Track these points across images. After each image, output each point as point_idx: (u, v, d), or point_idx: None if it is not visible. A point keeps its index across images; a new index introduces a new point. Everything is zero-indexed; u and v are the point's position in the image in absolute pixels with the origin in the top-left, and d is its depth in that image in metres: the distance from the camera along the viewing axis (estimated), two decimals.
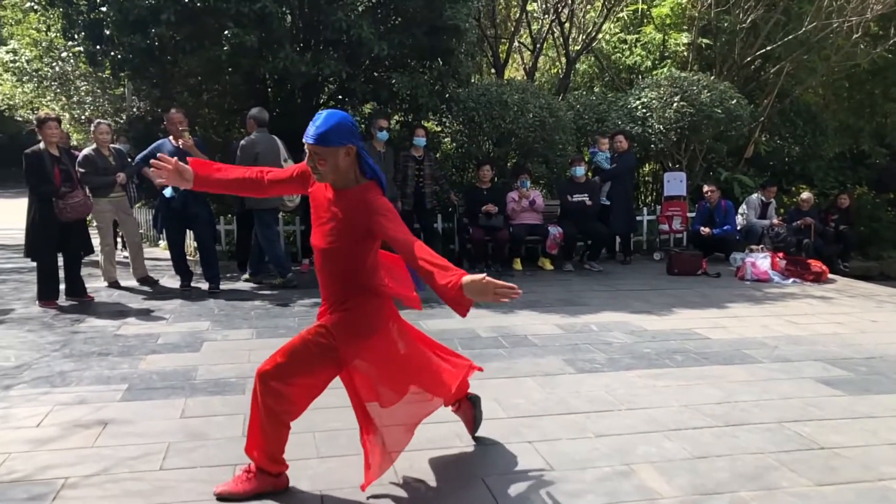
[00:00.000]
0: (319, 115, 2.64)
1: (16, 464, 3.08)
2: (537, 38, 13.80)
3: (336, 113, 2.66)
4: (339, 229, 2.71)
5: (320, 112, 2.66)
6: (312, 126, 2.62)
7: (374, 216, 2.62)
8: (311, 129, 2.61)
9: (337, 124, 2.61)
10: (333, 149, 2.61)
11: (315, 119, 2.64)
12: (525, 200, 8.37)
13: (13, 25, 14.61)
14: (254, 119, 7.37)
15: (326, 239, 2.75)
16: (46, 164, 6.31)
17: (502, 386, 4.24)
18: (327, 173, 2.66)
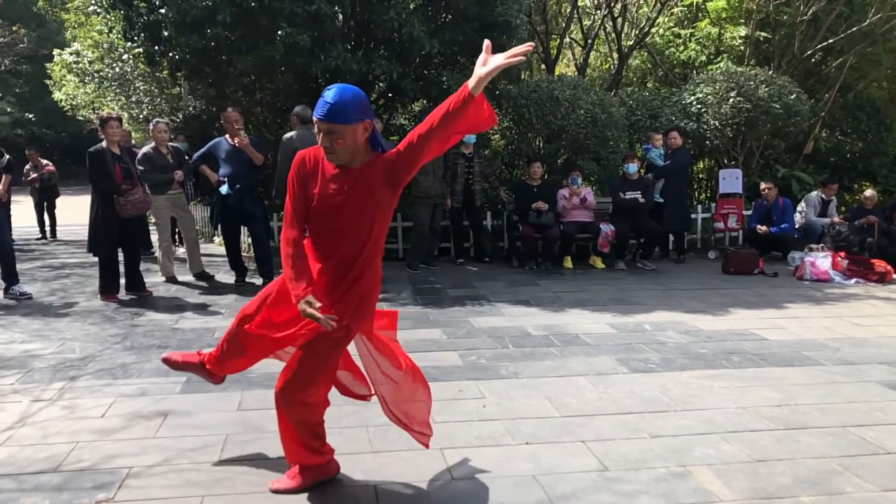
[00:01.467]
0: (329, 90, 2.45)
1: (83, 452, 3.18)
2: (589, 33, 13.64)
3: (348, 87, 2.48)
4: (356, 208, 2.54)
5: (329, 88, 2.47)
6: (326, 103, 2.43)
7: (390, 164, 2.51)
8: (326, 106, 2.43)
9: (353, 99, 2.45)
10: (352, 126, 2.45)
11: (325, 95, 2.45)
12: (576, 198, 8.29)
13: (76, 28, 15.11)
14: (297, 116, 7.47)
15: (342, 223, 2.57)
16: (108, 162, 6.50)
17: (554, 385, 4.20)
18: (345, 152, 2.49)
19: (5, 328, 5.57)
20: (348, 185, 2.54)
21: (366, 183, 2.53)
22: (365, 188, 2.53)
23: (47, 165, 11.72)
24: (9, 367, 4.48)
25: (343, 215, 2.56)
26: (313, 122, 2.49)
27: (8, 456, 3.16)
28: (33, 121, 29.76)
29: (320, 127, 2.46)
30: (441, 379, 4.29)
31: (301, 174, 2.63)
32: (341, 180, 2.55)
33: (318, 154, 2.62)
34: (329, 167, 2.58)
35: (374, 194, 2.54)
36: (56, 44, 20.87)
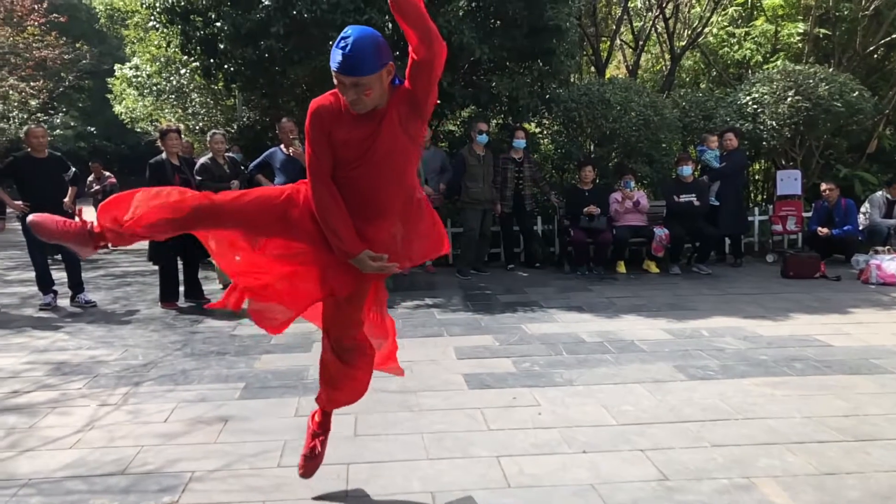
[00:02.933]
0: (345, 38, 2.22)
1: (148, 456, 3.27)
2: (640, 35, 13.47)
3: (365, 31, 2.26)
4: (391, 146, 2.40)
5: (344, 35, 2.23)
6: (347, 56, 2.20)
7: (410, 93, 2.34)
8: (348, 59, 2.21)
9: (374, 45, 2.24)
10: (378, 74, 2.26)
11: (343, 46, 2.21)
12: (629, 201, 8.17)
13: (135, 43, 15.59)
14: None
15: (379, 166, 2.43)
16: (168, 173, 6.69)
17: (610, 392, 4.14)
18: (372, 101, 2.32)
19: (73, 335, 5.77)
20: (378, 126, 2.37)
21: (395, 118, 2.38)
22: (395, 123, 2.39)
23: (109, 177, 12.12)
24: (77, 373, 4.65)
25: (378, 157, 2.41)
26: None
27: (78, 458, 3.27)
28: (95, 133, 30.81)
29: (343, 80, 2.25)
30: (495, 386, 4.28)
31: (321, 127, 2.39)
32: (369, 122, 2.37)
33: (336, 101, 2.40)
34: (349, 112, 2.38)
35: (407, 128, 2.41)
36: (116, 59, 21.56)
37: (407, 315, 6.27)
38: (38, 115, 20.81)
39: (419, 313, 6.34)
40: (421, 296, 7.13)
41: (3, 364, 4.90)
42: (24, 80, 17.62)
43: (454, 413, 3.85)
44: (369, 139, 2.38)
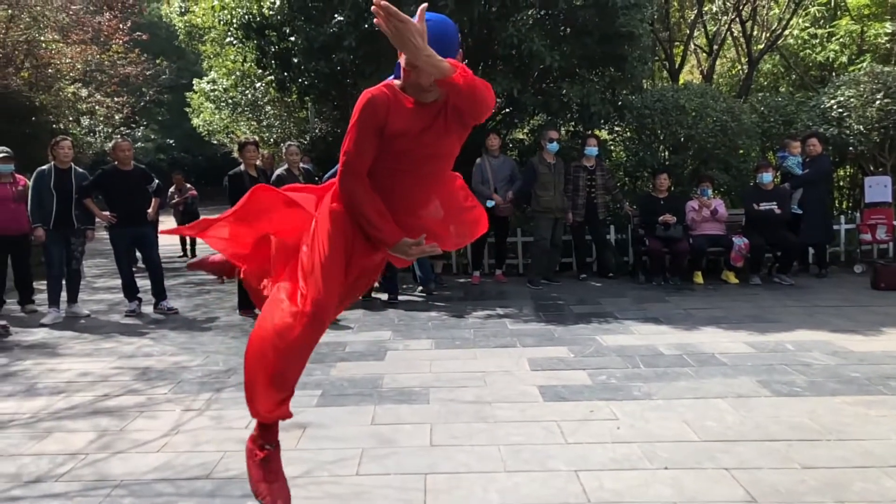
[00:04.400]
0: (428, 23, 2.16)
1: (231, 461, 3.35)
2: (715, 39, 13.14)
3: (441, 18, 2.28)
4: (440, 140, 2.36)
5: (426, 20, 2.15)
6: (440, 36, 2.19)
7: (457, 83, 2.18)
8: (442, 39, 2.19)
9: (453, 31, 2.27)
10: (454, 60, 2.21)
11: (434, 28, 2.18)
12: (706, 210, 7.94)
13: (212, 58, 16.16)
14: None
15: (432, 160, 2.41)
16: (246, 184, 6.87)
17: (692, 407, 4.01)
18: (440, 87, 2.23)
19: (157, 341, 5.99)
20: (434, 119, 2.34)
21: (450, 115, 2.35)
22: (450, 120, 2.36)
23: (191, 190, 12.54)
24: (162, 378, 4.81)
25: (429, 150, 2.39)
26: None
27: (166, 461, 3.38)
28: (173, 146, 32.05)
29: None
30: (571, 398, 4.21)
31: (375, 119, 2.28)
32: (426, 114, 2.33)
33: (391, 93, 2.33)
34: (407, 103, 2.32)
35: (457, 128, 2.40)
36: (194, 74, 22.40)
37: (478, 325, 6.25)
38: (122, 129, 21.77)
39: (491, 323, 6.31)
40: (492, 305, 7.10)
41: (93, 368, 5.12)
42: (109, 96, 18.44)
43: (530, 425, 3.81)
44: (425, 131, 2.34)
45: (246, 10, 9.25)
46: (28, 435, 3.81)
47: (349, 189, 2.35)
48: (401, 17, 2.01)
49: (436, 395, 4.34)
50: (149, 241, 7.26)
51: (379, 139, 2.31)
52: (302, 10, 8.80)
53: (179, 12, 16.83)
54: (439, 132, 2.36)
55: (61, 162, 6.94)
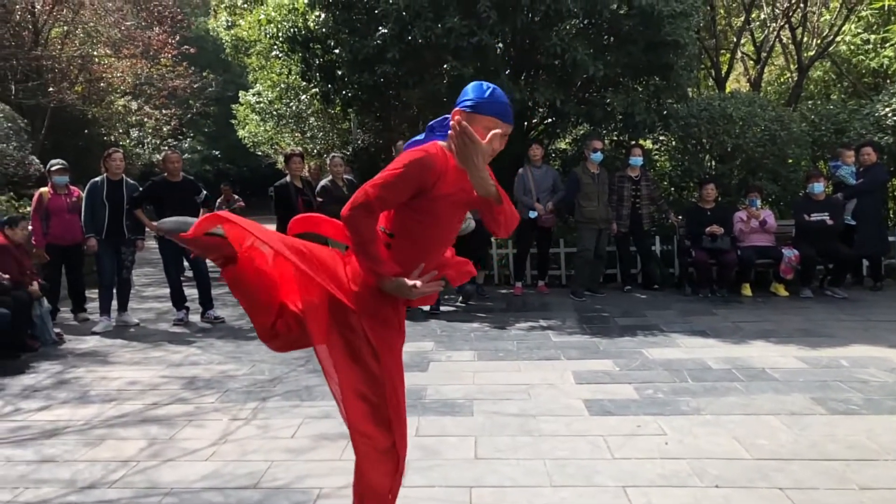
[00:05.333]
0: (495, 89, 2.26)
1: (278, 471, 3.37)
2: (762, 46, 12.89)
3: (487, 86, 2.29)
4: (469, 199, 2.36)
5: (490, 86, 2.26)
6: (509, 105, 2.29)
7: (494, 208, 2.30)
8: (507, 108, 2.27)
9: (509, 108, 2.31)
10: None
11: (503, 96, 2.27)
12: (755, 220, 7.77)
13: (257, 71, 16.46)
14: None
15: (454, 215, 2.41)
16: (291, 195, 6.98)
17: (742, 423, 3.91)
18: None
19: (204, 350, 6.08)
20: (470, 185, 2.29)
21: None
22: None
23: (238, 201, 12.74)
24: (210, 387, 4.88)
25: (458, 207, 2.39)
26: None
27: (214, 470, 3.42)
28: (219, 157, 32.70)
29: (505, 131, 2.25)
30: (617, 413, 4.15)
31: (422, 180, 2.23)
32: (465, 178, 2.26)
33: (444, 156, 2.30)
34: (454, 167, 2.28)
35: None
36: (239, 86, 22.85)
37: (522, 336, 6.20)
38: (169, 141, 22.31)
39: (534, 335, 6.26)
40: (535, 317, 7.05)
41: (143, 377, 5.23)
42: (158, 109, 18.95)
43: (576, 439, 3.76)
44: (462, 191, 2.32)
45: (291, 23, 9.41)
46: (82, 441, 3.90)
47: (361, 224, 2.22)
48: (473, 138, 2.07)
49: (480, 407, 4.32)
50: None
51: (414, 196, 2.26)
52: (346, 23, 8.91)
53: (226, 26, 17.21)
54: (471, 193, 2.33)
55: (113, 174, 7.12)
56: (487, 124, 2.22)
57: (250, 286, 2.43)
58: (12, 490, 3.28)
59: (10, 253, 6.23)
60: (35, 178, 10.79)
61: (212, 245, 2.38)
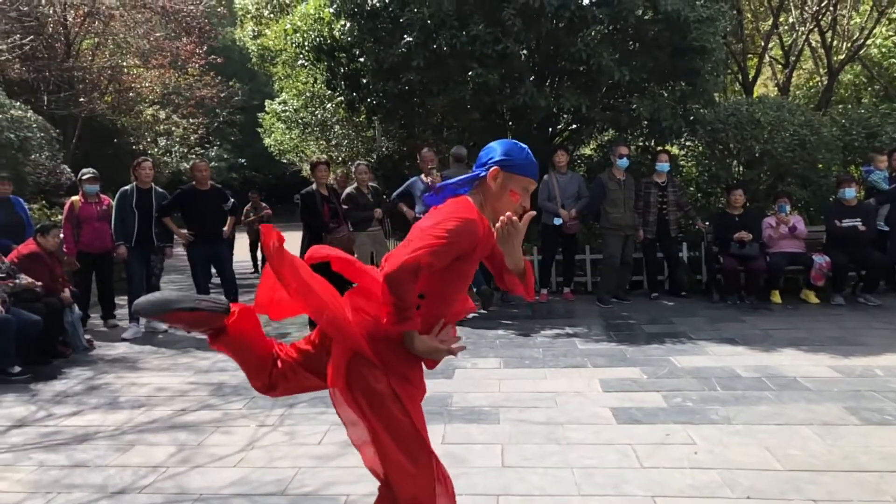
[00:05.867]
0: (528, 150, 2.35)
1: (305, 478, 3.39)
2: (791, 50, 12.74)
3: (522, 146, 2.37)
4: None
5: (523, 146, 2.35)
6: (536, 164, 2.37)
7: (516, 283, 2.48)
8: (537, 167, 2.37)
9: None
10: None
11: (532, 156, 2.36)
12: (784, 226, 7.66)
13: (283, 80, 16.60)
14: (452, 155, 7.92)
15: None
16: (317, 203, 7.02)
17: (774, 433, 3.85)
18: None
19: None
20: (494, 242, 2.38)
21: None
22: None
23: (266, 208, 12.86)
24: (237, 394, 4.92)
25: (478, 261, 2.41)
26: (465, 162, 2.45)
27: (242, 476, 3.44)
28: (245, 165, 33.06)
29: (531, 189, 2.36)
30: (645, 421, 4.10)
31: (469, 244, 2.24)
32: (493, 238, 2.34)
33: (484, 227, 2.32)
34: (487, 227, 2.32)
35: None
36: (265, 95, 23.08)
37: (547, 344, 6.17)
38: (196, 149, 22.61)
39: (560, 342, 6.22)
40: (560, 324, 7.00)
41: (171, 383, 5.28)
42: (185, 118, 19.21)
43: (604, 448, 3.72)
44: (489, 249, 2.37)
45: (317, 32, 9.49)
46: (113, 447, 3.95)
47: (406, 288, 2.14)
48: (517, 225, 2.21)
49: (506, 415, 4.30)
50: (224, 258, 7.48)
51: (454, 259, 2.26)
52: (371, 32, 8.97)
53: (252, 36, 17.40)
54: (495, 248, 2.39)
55: (143, 182, 7.22)
56: (525, 185, 2.33)
57: (242, 351, 2.42)
58: (45, 495, 3.34)
59: (42, 260, 6.34)
60: (66, 187, 10.99)
61: (198, 320, 2.30)
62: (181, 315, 2.27)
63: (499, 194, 2.31)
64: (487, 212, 2.33)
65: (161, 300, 2.28)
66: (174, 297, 2.29)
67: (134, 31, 15.52)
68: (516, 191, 2.31)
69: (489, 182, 2.30)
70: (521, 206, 2.31)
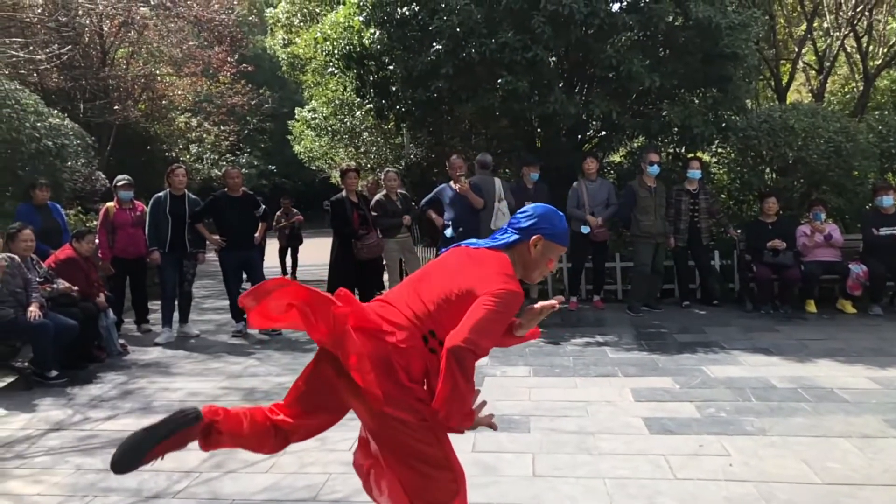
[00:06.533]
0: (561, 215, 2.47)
1: (336, 484, 3.40)
2: (825, 56, 12.53)
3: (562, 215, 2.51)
4: None
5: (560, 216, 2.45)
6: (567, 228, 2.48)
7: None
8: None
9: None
10: None
11: (564, 221, 2.47)
12: (819, 235, 7.52)
13: (312, 88, 16.75)
14: (477, 162, 7.92)
15: None
16: (347, 209, 7.07)
17: (811, 445, 3.78)
18: None
19: (262, 361, 6.18)
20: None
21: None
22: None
23: (297, 215, 12.96)
24: (268, 398, 4.95)
25: None
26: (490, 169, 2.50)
27: (274, 482, 3.47)
28: (275, 172, 33.36)
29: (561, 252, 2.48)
30: (678, 432, 4.05)
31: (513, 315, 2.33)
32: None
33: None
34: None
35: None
36: (295, 102, 23.31)
37: (577, 353, 6.12)
38: (227, 156, 22.88)
39: (590, 351, 6.17)
40: (590, 332, 6.95)
41: (203, 388, 5.34)
42: (217, 125, 19.45)
43: (636, 458, 3.68)
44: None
45: (347, 41, 9.55)
46: None
47: (469, 365, 2.14)
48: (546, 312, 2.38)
49: (536, 423, 4.27)
50: (255, 264, 7.55)
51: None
52: (401, 40, 9.01)
53: (282, 44, 17.60)
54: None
55: (176, 189, 7.32)
56: (560, 252, 2.47)
57: (236, 439, 2.37)
58: (82, 498, 3.39)
59: (78, 265, 6.45)
60: (101, 193, 11.18)
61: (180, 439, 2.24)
62: (162, 446, 2.18)
63: (538, 261, 2.40)
64: (519, 271, 2.39)
65: (133, 444, 2.15)
66: (141, 435, 2.16)
67: (167, 40, 15.75)
68: (552, 258, 2.42)
69: (530, 248, 2.38)
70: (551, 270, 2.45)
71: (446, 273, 2.33)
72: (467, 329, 2.10)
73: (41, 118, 8.95)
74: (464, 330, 2.10)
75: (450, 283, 2.27)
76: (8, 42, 10.81)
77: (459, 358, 2.08)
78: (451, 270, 2.33)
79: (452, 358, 2.07)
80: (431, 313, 2.25)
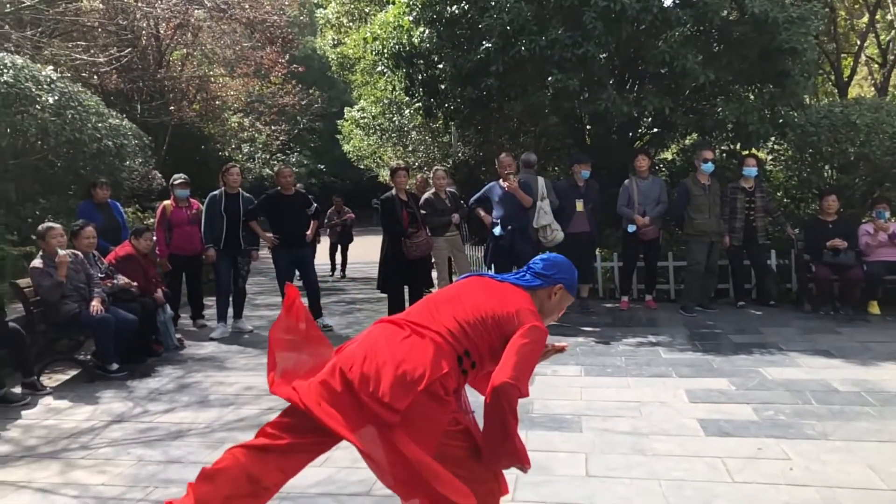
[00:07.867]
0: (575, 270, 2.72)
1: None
2: (889, 48, 12.10)
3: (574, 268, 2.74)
4: None
5: (572, 268, 2.71)
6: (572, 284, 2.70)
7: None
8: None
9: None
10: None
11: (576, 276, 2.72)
12: (883, 234, 7.26)
13: (361, 87, 16.90)
14: (522, 161, 7.95)
15: None
16: (397, 208, 7.10)
17: (876, 451, 3.65)
18: None
19: None
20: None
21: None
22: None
23: (348, 213, 13.09)
24: None
25: None
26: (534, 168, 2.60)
27: (327, 476, 3.50)
28: (324, 170, 33.78)
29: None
30: (735, 434, 3.97)
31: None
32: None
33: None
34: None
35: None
36: (343, 102, 23.54)
37: (630, 353, 6.04)
38: (278, 156, 23.25)
39: (642, 351, 6.08)
40: (643, 332, 6.85)
41: (257, 382, 5.43)
42: (268, 125, 19.79)
43: (692, 460, 3.62)
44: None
45: (396, 40, 9.60)
46: (204, 444, 4.09)
47: (515, 407, 2.25)
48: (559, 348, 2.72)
49: (589, 423, 4.23)
50: (307, 262, 7.64)
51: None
52: (450, 38, 9.03)
53: (332, 45, 17.79)
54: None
55: (230, 187, 7.46)
56: (570, 302, 2.75)
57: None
58: (143, 489, 3.48)
59: (136, 262, 6.64)
60: (157, 192, 11.48)
61: None
62: None
63: (554, 308, 2.66)
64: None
65: None
66: None
67: (220, 41, 16.09)
68: (564, 307, 2.71)
69: (551, 294, 2.62)
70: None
71: (480, 297, 2.47)
72: (510, 367, 2.23)
73: (102, 119, 9.22)
74: (507, 369, 2.23)
75: (484, 307, 2.41)
76: (71, 46, 11.19)
77: (509, 396, 2.21)
78: (484, 296, 2.48)
79: (502, 396, 2.20)
80: (468, 334, 2.36)
